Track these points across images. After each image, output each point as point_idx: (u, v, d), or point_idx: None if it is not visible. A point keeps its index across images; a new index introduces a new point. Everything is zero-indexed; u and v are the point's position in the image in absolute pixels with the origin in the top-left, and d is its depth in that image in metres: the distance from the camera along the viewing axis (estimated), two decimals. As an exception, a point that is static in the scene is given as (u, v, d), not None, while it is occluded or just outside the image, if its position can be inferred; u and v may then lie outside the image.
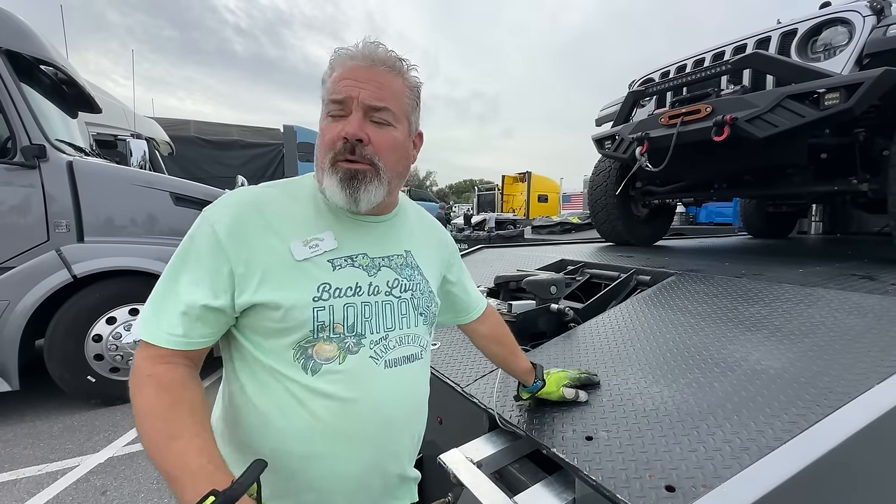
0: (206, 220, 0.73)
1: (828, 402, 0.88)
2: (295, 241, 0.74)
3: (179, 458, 0.60)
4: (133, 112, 6.50)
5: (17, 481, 2.36)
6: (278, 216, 0.75)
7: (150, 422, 0.63)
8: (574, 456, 0.90)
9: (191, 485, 0.57)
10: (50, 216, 3.00)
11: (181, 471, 0.58)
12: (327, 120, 0.76)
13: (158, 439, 0.61)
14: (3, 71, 2.86)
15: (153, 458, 0.61)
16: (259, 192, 0.79)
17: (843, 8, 2.05)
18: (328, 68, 0.77)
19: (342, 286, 0.75)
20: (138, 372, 0.67)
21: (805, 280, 1.65)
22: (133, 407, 0.65)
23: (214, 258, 0.70)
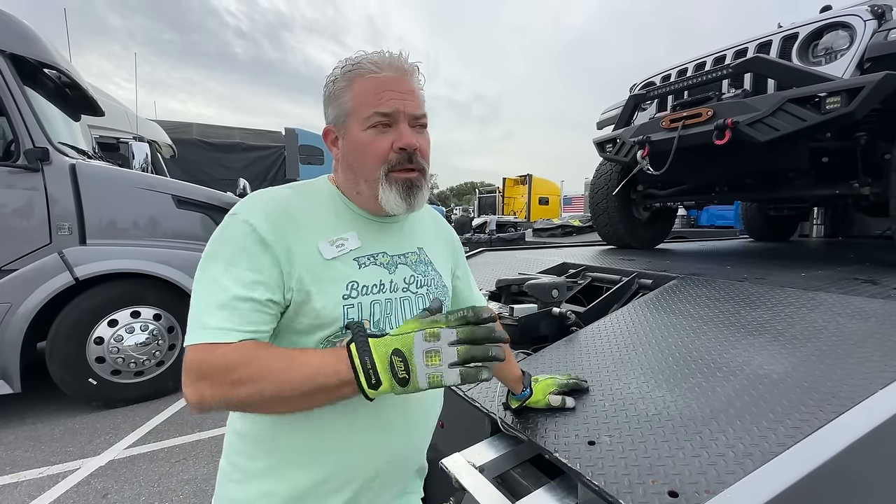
0: (240, 220, 0.72)
1: (830, 407, 0.88)
2: (322, 240, 0.76)
3: (309, 364, 0.64)
4: (136, 115, 6.53)
5: (18, 484, 2.36)
6: (304, 217, 0.76)
7: (270, 365, 0.64)
8: (576, 461, 0.90)
9: (334, 360, 0.64)
10: (52, 219, 3.01)
11: (319, 364, 0.64)
12: (370, 132, 0.76)
13: (283, 374, 0.63)
14: (7, 74, 2.88)
15: (294, 384, 0.63)
16: (281, 193, 0.79)
17: (844, 12, 2.05)
18: (342, 81, 0.78)
19: (368, 283, 0.78)
20: (223, 367, 0.63)
21: (807, 284, 1.65)
22: (244, 384, 0.63)
23: (262, 255, 0.70)
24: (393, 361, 0.62)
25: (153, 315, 3.31)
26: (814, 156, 2.26)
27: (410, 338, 0.63)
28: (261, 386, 0.63)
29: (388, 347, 0.63)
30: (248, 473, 0.78)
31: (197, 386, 0.64)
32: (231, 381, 0.63)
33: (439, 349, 0.62)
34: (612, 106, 3.24)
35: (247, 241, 0.70)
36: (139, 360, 3.25)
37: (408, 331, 0.64)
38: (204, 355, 0.64)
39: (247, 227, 0.71)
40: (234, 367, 0.63)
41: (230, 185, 4.86)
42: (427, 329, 0.63)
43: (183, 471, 2.49)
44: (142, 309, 3.27)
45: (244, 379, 0.63)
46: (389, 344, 0.63)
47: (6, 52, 2.90)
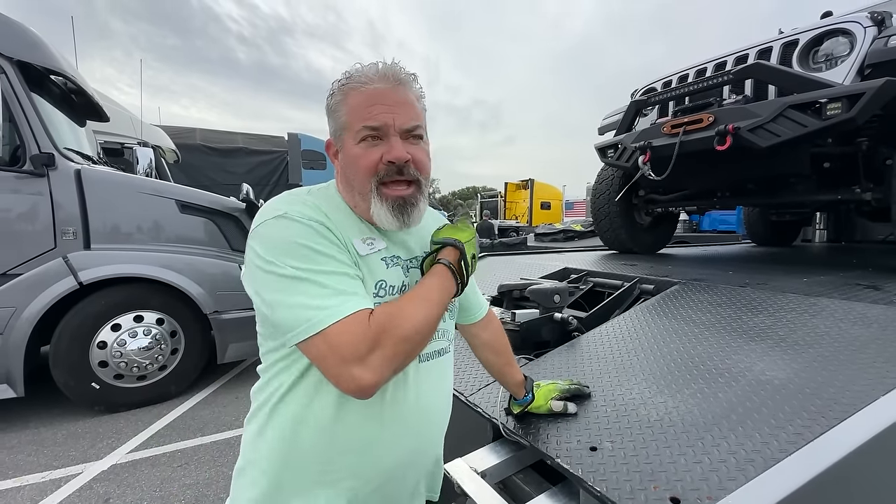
0: (297, 217, 0.72)
1: (833, 413, 0.88)
2: (356, 239, 0.78)
3: (433, 289, 0.76)
4: (140, 120, 6.58)
5: (21, 488, 2.36)
6: (333, 216, 0.77)
7: (419, 312, 0.71)
8: (579, 466, 0.90)
9: (444, 275, 0.78)
10: (57, 223, 3.03)
11: (440, 284, 0.77)
12: (361, 146, 0.77)
13: (427, 306, 0.72)
14: (14, 81, 2.92)
15: (437, 316, 0.74)
16: (306, 196, 0.80)
17: (844, 19, 2.06)
18: (338, 94, 0.79)
19: (394, 283, 0.81)
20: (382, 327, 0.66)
21: (809, 290, 1.65)
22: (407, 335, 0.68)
23: (334, 239, 0.73)
24: (472, 263, 0.84)
25: (156, 319, 3.32)
26: (815, 161, 2.27)
27: (475, 242, 0.88)
28: (424, 334, 0.71)
29: (471, 251, 0.84)
30: (264, 472, 0.79)
31: (369, 362, 0.65)
32: (403, 338, 0.68)
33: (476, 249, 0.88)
34: (614, 111, 3.25)
35: (316, 228, 0.72)
36: (142, 365, 3.25)
37: (471, 236, 0.87)
38: (359, 326, 0.66)
39: (306, 220, 0.72)
40: (392, 316, 0.68)
41: (234, 189, 4.88)
42: (475, 235, 0.88)
43: (185, 476, 2.49)
44: (145, 313, 3.29)
45: (410, 335, 0.69)
46: (471, 248, 0.84)
47: (14, 59, 2.93)
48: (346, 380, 0.65)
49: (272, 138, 12.35)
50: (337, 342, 0.64)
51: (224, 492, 2.36)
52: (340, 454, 0.77)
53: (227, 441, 2.87)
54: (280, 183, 11.77)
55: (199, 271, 3.41)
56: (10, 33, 2.94)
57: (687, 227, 8.68)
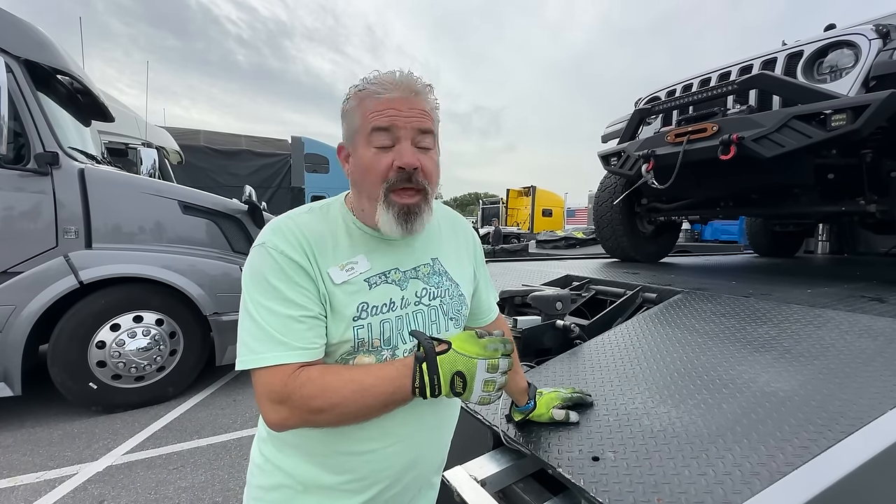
0: (270, 250, 0.75)
1: (839, 427, 0.87)
2: (332, 266, 0.78)
3: (379, 385, 0.72)
4: (145, 121, 6.61)
5: (15, 488, 2.34)
6: (320, 243, 0.79)
7: (343, 392, 0.71)
8: (580, 476, 0.88)
9: (399, 378, 0.72)
10: (60, 222, 3.03)
11: (390, 385, 0.72)
12: (372, 151, 0.76)
13: (357, 391, 0.71)
14: (21, 80, 2.93)
15: (369, 406, 0.72)
16: (298, 220, 0.81)
17: (849, 31, 2.06)
18: (354, 99, 0.79)
19: (378, 303, 0.80)
20: (300, 397, 0.70)
21: (813, 301, 1.64)
22: (324, 413, 0.71)
23: (300, 274, 0.75)
24: (454, 380, 0.71)
25: (155, 320, 3.31)
26: (819, 172, 2.26)
27: (474, 364, 0.72)
28: (340, 412, 0.71)
29: (453, 367, 0.71)
30: (276, 465, 0.83)
31: (277, 409, 0.71)
32: (311, 409, 0.70)
33: (495, 379, 0.73)
34: (617, 120, 3.26)
35: (283, 265, 0.74)
36: (140, 366, 3.24)
37: (471, 354, 0.72)
38: (276, 380, 0.71)
39: (277, 254, 0.75)
40: (312, 396, 0.70)
41: (236, 191, 4.90)
42: (490, 360, 0.72)
43: (180, 478, 2.47)
44: (144, 314, 3.28)
45: (324, 408, 0.70)
46: (454, 364, 0.71)
47: (21, 59, 2.95)
48: (260, 409, 0.73)
49: (276, 141, 12.42)
50: (257, 384, 0.73)
51: (220, 495, 2.33)
52: (346, 456, 0.80)
53: (224, 444, 2.85)
54: (283, 185, 11.81)
55: (200, 272, 3.40)
56: (17, 33, 2.97)
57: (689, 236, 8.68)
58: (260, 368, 0.72)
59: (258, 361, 0.72)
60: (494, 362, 0.72)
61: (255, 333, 0.73)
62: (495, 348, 0.74)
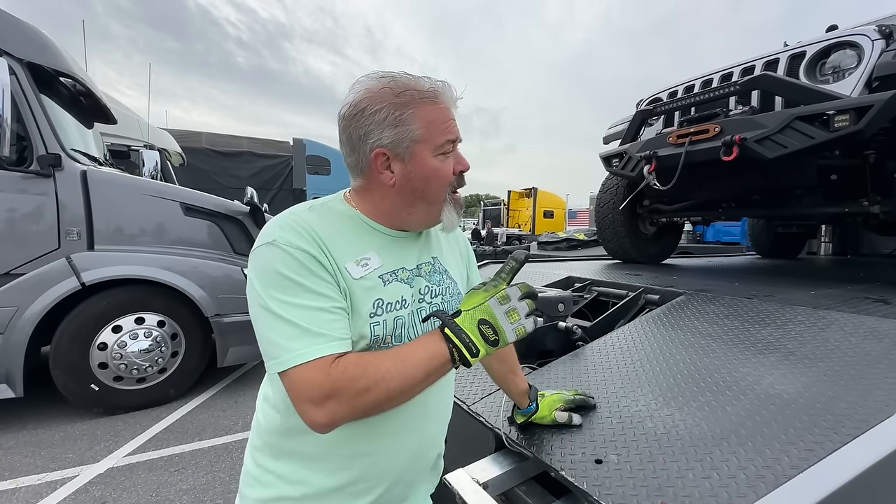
0: (283, 246, 0.72)
1: (845, 430, 0.86)
2: (349, 262, 0.77)
3: (417, 355, 0.71)
4: (147, 123, 6.63)
5: (17, 490, 2.34)
6: (329, 237, 0.77)
7: (386, 365, 0.69)
8: (583, 479, 0.88)
9: (435, 346, 0.72)
10: (62, 224, 3.04)
11: (426, 353, 0.72)
12: (440, 158, 0.81)
13: (398, 361, 0.70)
14: (24, 82, 2.94)
15: (412, 376, 0.70)
16: (305, 217, 0.79)
17: (852, 32, 2.06)
18: (409, 106, 0.77)
19: (392, 301, 0.80)
20: (345, 381, 0.67)
21: (817, 303, 1.63)
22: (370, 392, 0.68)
23: (320, 269, 0.73)
24: (482, 330, 0.73)
25: (157, 322, 3.32)
26: (822, 173, 2.25)
27: (488, 306, 0.74)
28: (386, 386, 0.68)
29: (474, 320, 0.73)
30: (274, 475, 0.82)
31: (324, 405, 0.67)
32: (356, 392, 0.67)
33: (515, 307, 0.75)
34: (619, 121, 3.25)
35: (301, 259, 0.72)
36: (141, 367, 3.24)
37: (479, 302, 0.75)
38: (318, 374, 0.67)
39: (292, 249, 0.72)
40: (356, 378, 0.67)
41: (238, 193, 4.90)
42: (498, 294, 0.75)
43: (182, 480, 2.47)
44: (146, 315, 3.28)
45: (369, 386, 0.68)
46: (474, 317, 0.73)
47: (24, 61, 2.96)
48: (303, 414, 0.69)
49: (277, 143, 12.44)
50: (297, 384, 0.68)
51: (221, 497, 2.33)
52: (349, 459, 0.80)
53: (225, 446, 2.84)
54: (284, 187, 11.83)
55: (202, 274, 3.41)
56: (20, 35, 2.98)
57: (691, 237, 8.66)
58: (298, 366, 0.67)
59: (298, 358, 0.67)
60: (503, 293, 0.75)
61: (287, 331, 0.69)
62: (495, 284, 0.78)
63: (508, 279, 0.78)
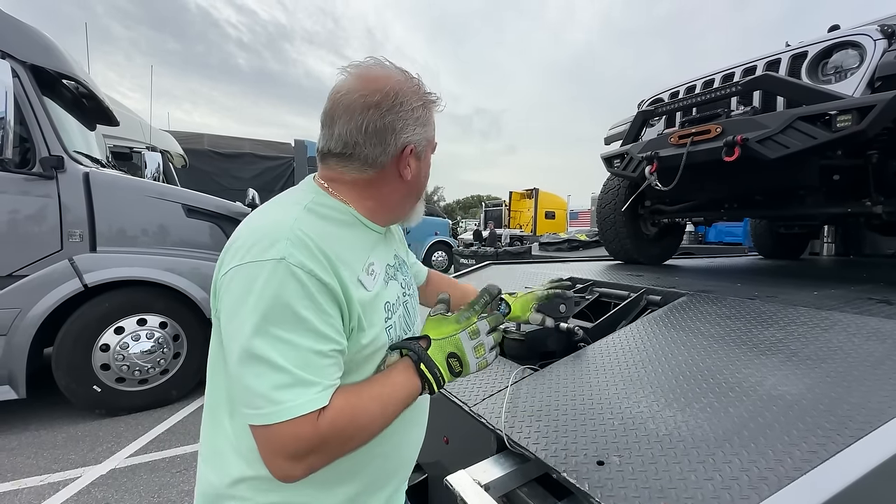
0: (296, 269, 0.62)
1: (849, 431, 0.85)
2: (360, 273, 0.73)
3: (397, 394, 0.71)
4: (149, 125, 6.65)
5: (19, 491, 2.35)
6: (336, 250, 0.69)
7: (371, 411, 0.68)
8: (585, 481, 0.87)
9: (409, 381, 0.73)
10: (64, 226, 3.05)
11: (403, 391, 0.72)
12: (425, 162, 0.85)
13: (381, 405, 0.69)
14: (26, 84, 2.96)
15: (391, 416, 0.70)
16: (309, 224, 0.68)
17: (854, 32, 2.05)
18: (427, 107, 0.80)
19: (394, 300, 0.82)
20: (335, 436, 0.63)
21: (820, 303, 1.62)
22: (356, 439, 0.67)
23: (327, 300, 0.65)
24: (450, 363, 0.75)
25: (159, 323, 3.33)
26: (824, 173, 2.25)
27: (458, 339, 0.77)
28: (369, 432, 0.68)
29: (444, 353, 0.75)
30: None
31: (304, 460, 0.61)
32: (342, 442, 0.65)
33: (482, 342, 0.78)
34: (620, 122, 3.25)
35: (313, 290, 0.63)
36: (144, 369, 3.25)
37: (450, 333, 0.77)
38: (307, 428, 0.60)
39: (305, 275, 0.62)
40: (344, 428, 0.64)
41: (240, 194, 4.91)
42: (469, 328, 0.78)
43: (183, 482, 2.47)
44: (148, 317, 3.29)
45: (354, 435, 0.66)
46: (444, 349, 0.76)
47: (27, 63, 2.97)
48: (275, 469, 0.62)
49: (279, 144, 12.44)
50: (279, 440, 0.60)
51: (222, 499, 2.33)
52: (372, 459, 0.79)
53: (227, 447, 2.84)
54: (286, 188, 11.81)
55: (204, 275, 3.42)
56: (23, 38, 2.99)
57: (693, 238, 8.63)
58: (282, 423, 0.59)
59: (287, 413, 0.59)
60: (473, 328, 0.78)
61: (276, 379, 0.59)
62: (467, 316, 0.79)
63: (479, 312, 0.80)
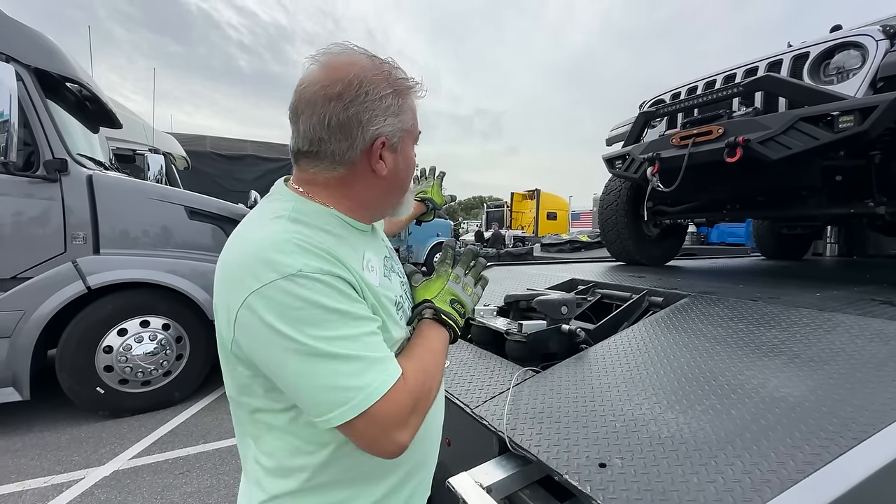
0: (315, 275, 0.62)
1: (851, 433, 0.85)
2: (361, 270, 0.72)
3: (436, 346, 0.80)
4: (152, 127, 6.68)
5: (23, 493, 2.36)
6: (338, 250, 0.69)
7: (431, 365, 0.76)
8: (587, 483, 0.87)
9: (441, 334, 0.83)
10: (68, 228, 3.07)
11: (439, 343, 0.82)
12: (414, 147, 0.83)
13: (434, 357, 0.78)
14: (31, 88, 2.98)
15: (441, 368, 0.79)
16: (303, 233, 0.67)
17: (856, 32, 2.05)
18: (402, 95, 0.74)
19: (399, 293, 0.83)
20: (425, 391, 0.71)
21: (823, 304, 1.62)
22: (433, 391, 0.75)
23: (355, 293, 0.68)
24: (455, 308, 0.87)
25: (162, 325, 3.34)
26: (827, 174, 2.24)
27: (449, 288, 0.89)
28: (437, 380, 0.76)
29: (446, 302, 0.86)
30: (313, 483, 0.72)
31: (408, 425, 0.66)
32: (427, 396, 0.72)
33: (466, 282, 0.92)
34: (622, 123, 3.25)
35: (337, 286, 0.64)
36: (146, 370, 3.26)
37: (440, 287, 0.89)
38: (401, 395, 0.65)
39: (325, 276, 0.63)
40: (424, 382, 0.71)
41: (242, 196, 4.93)
42: (451, 276, 0.90)
43: (186, 483, 2.47)
44: (151, 318, 3.30)
45: (432, 386, 0.74)
46: (444, 300, 0.87)
47: (31, 67, 2.99)
48: (386, 445, 0.64)
49: (280, 146, 12.47)
50: (383, 417, 0.62)
51: (226, 500, 2.33)
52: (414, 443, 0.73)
53: (230, 449, 2.85)
54: (289, 190, 11.83)
55: (206, 277, 3.43)
56: (27, 41, 3.01)
57: (695, 239, 8.62)
58: (378, 401, 0.61)
59: (377, 392, 0.61)
60: (453, 275, 0.90)
61: (351, 368, 0.61)
62: (445, 270, 0.91)
63: (451, 263, 0.92)
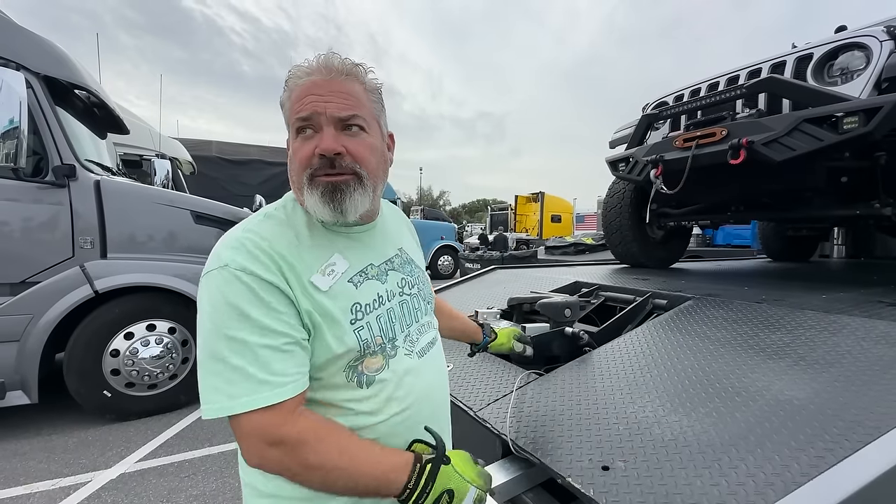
0: (236, 272, 0.66)
1: (856, 436, 0.85)
2: (314, 274, 0.73)
3: (376, 464, 0.68)
4: (159, 133, 6.74)
5: (31, 495, 2.38)
6: (291, 252, 0.72)
7: (335, 466, 0.66)
8: (590, 486, 0.87)
9: (395, 471, 0.68)
10: (76, 233, 3.10)
11: (384, 470, 0.68)
12: (298, 140, 0.75)
13: (349, 465, 0.67)
14: (40, 95, 3.02)
15: (352, 485, 0.67)
16: (260, 229, 0.73)
17: (860, 33, 2.04)
18: (285, 91, 0.76)
19: (368, 301, 0.79)
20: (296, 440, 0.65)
21: (829, 307, 1.61)
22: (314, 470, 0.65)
23: (279, 301, 0.68)
24: (442, 496, 0.71)
25: (168, 328, 3.36)
26: (832, 175, 2.23)
27: (467, 489, 0.73)
28: (322, 478, 0.66)
29: (447, 483, 0.71)
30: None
31: (270, 452, 0.65)
32: (301, 461, 0.65)
33: None
34: (625, 125, 3.25)
35: (255, 288, 0.66)
36: (153, 374, 3.28)
37: (468, 478, 0.74)
38: (273, 420, 0.64)
39: (245, 276, 0.66)
40: (305, 442, 0.65)
41: (248, 200, 4.96)
42: (479, 492, 0.75)
43: (192, 486, 2.49)
44: (158, 322, 3.33)
45: (314, 465, 0.65)
46: (449, 480, 0.72)
47: (40, 75, 3.04)
48: (246, 455, 0.67)
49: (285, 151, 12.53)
50: (243, 426, 0.65)
51: (230, 503, 2.34)
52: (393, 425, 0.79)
53: (235, 452, 2.85)
54: (293, 194, 11.89)
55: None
56: (37, 49, 3.06)
57: (700, 241, 8.57)
58: (245, 413, 0.63)
59: (236, 407, 0.63)
60: (482, 495, 0.76)
61: (228, 374, 0.64)
62: (485, 480, 0.79)
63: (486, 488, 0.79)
